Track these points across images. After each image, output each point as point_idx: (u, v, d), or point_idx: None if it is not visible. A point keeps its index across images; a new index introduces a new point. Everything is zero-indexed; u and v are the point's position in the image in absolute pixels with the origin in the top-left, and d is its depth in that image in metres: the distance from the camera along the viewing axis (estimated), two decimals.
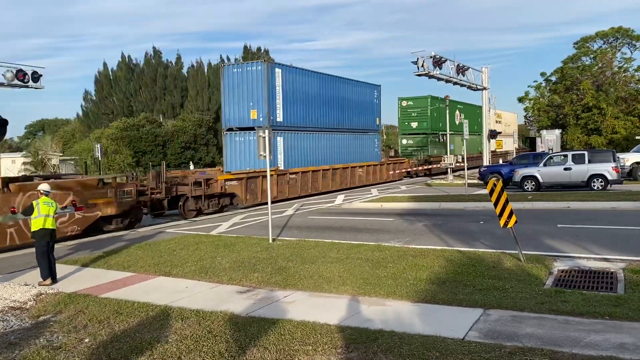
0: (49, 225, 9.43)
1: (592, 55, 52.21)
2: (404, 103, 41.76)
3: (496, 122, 51.71)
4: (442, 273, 8.81)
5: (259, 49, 53.41)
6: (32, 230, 9.45)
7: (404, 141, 41.98)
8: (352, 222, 16.19)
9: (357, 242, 12.07)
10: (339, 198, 24.08)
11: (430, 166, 38.78)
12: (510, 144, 57.13)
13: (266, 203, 14.58)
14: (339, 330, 6.21)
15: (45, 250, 9.33)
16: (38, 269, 9.45)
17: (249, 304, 7.59)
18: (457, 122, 43.36)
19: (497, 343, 5.62)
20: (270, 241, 12.61)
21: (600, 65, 50.26)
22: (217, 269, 9.90)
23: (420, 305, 7.21)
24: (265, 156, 13.00)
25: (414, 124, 41.25)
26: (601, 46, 53.39)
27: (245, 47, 51.72)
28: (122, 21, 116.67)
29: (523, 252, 9.56)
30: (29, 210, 9.52)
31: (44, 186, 9.87)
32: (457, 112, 44.88)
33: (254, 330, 6.34)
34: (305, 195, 25.35)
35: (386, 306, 7.21)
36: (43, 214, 9.36)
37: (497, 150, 51.14)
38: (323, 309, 7.18)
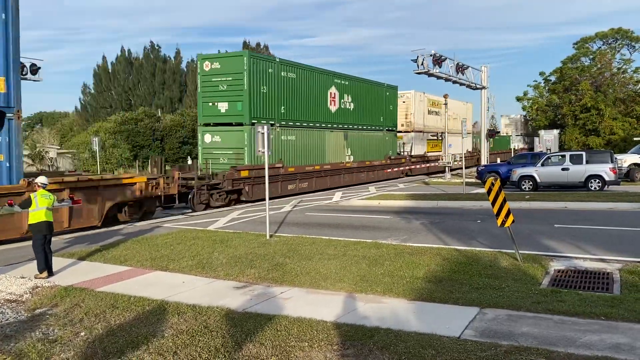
0: (47, 218, 9.41)
1: (591, 56, 52.32)
2: (207, 65, 22.75)
3: (429, 112, 40.65)
4: (439, 271, 8.82)
5: (258, 44, 53.31)
6: (29, 223, 9.43)
7: (207, 138, 23.05)
8: (350, 219, 16.19)
9: (354, 240, 12.08)
10: (337, 195, 24.10)
11: (243, 186, 21.30)
12: (459, 145, 42.93)
13: None
14: (336, 327, 6.21)
15: (42, 243, 9.31)
16: (34, 262, 9.44)
17: (246, 299, 7.59)
18: (332, 109, 27.49)
19: (493, 342, 5.63)
20: (268, 237, 12.60)
21: (599, 66, 50.35)
22: (214, 264, 9.89)
23: (417, 303, 7.21)
24: (264, 152, 12.99)
25: (223, 106, 22.24)
26: (600, 47, 53.50)
27: (244, 42, 51.61)
28: (122, 15, 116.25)
29: (520, 251, 9.57)
30: (26, 203, 9.49)
31: (41, 179, 9.84)
32: (334, 90, 27.75)
33: (250, 326, 6.34)
34: None
35: (382, 304, 7.22)
36: (41, 207, 9.34)
37: (429, 152, 39.85)
38: (319, 305, 7.18)
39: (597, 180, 21.46)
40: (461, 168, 39.40)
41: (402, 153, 36.38)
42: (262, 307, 7.15)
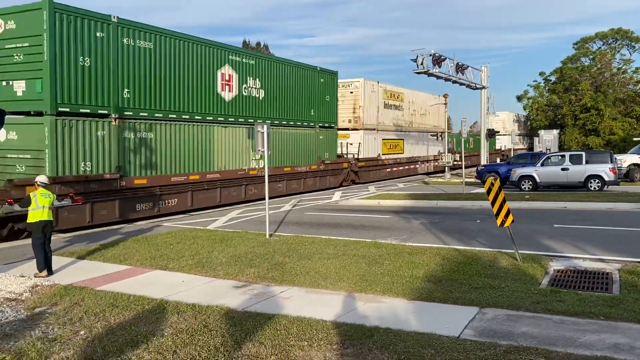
0: (46, 217, 9.41)
1: (591, 56, 52.38)
2: None
3: (385, 106, 34.00)
4: (439, 271, 8.83)
5: (258, 44, 53.35)
6: (28, 221, 9.43)
7: (1, 135, 15.15)
8: (349, 218, 16.20)
9: (354, 239, 12.08)
10: (336, 194, 24.10)
11: None
12: (432, 147, 39.89)
13: None
14: (335, 326, 6.22)
15: (42, 242, 9.32)
16: (34, 261, 9.44)
17: (245, 299, 7.59)
18: (225, 96, 20.10)
19: (492, 342, 5.63)
20: (267, 236, 12.61)
21: (599, 66, 50.43)
22: (214, 263, 9.90)
23: (416, 302, 7.22)
24: (263, 151, 13.02)
25: (20, 86, 14.66)
26: (600, 47, 53.59)
27: (244, 42, 51.65)
28: (121, 14, 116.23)
29: (519, 251, 9.58)
30: (26, 202, 9.49)
31: (41, 178, 9.84)
32: (228, 70, 20.33)
33: (249, 325, 6.34)
34: None
35: (382, 303, 7.23)
36: (40, 206, 9.34)
37: (386, 155, 33.68)
38: (319, 305, 7.19)
39: (597, 181, 21.48)
40: (429, 174, 37.51)
41: (345, 156, 29.95)
42: (262, 307, 7.15)
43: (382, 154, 33.27)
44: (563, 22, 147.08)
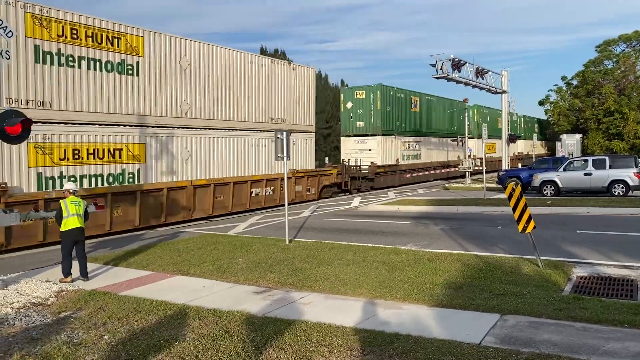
0: (79, 224, 9.54)
1: (614, 59, 51.47)
2: None
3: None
4: (459, 277, 8.77)
5: (275, 50, 53.58)
6: (62, 230, 9.50)
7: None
8: (369, 224, 16.17)
9: (373, 245, 12.07)
10: (356, 200, 24.09)
11: None
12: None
13: None
14: (355, 333, 6.23)
15: (71, 250, 9.48)
16: (59, 266, 9.63)
17: (266, 304, 7.64)
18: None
19: (514, 349, 5.58)
20: (287, 242, 12.67)
21: (622, 69, 49.52)
22: (234, 269, 9.98)
23: (437, 309, 7.19)
24: (283, 157, 13.09)
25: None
26: (624, 50, 52.59)
27: (261, 48, 51.94)
28: (142, 22, 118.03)
29: (541, 257, 9.46)
30: (59, 213, 9.49)
31: (70, 185, 9.98)
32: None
33: (270, 330, 6.39)
34: None
35: (402, 310, 7.21)
36: (73, 214, 9.48)
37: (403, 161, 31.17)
38: (339, 311, 7.20)
39: (621, 186, 21.10)
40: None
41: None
42: (282, 312, 7.19)
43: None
44: (585, 25, 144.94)
